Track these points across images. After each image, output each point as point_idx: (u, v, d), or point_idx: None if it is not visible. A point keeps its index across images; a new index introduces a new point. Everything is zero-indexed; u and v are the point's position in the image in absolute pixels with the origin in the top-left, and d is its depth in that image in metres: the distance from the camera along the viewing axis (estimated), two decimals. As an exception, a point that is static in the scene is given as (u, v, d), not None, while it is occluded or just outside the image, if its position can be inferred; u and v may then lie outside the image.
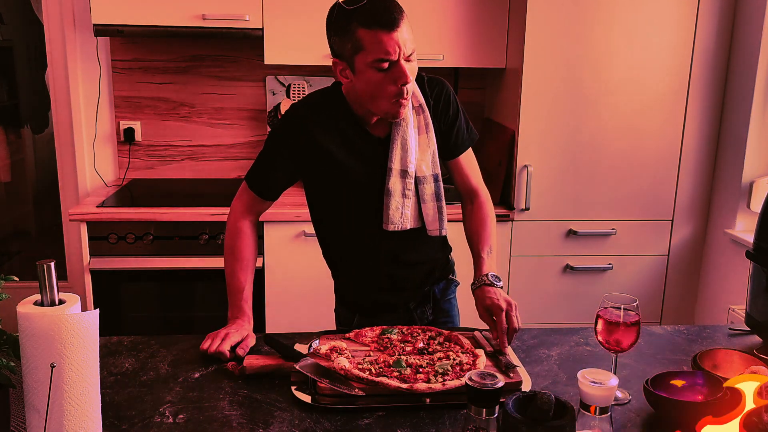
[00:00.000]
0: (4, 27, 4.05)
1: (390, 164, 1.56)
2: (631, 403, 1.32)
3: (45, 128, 4.19)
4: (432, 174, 1.61)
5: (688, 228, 2.88)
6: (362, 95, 1.50)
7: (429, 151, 1.60)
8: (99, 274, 2.67)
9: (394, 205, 1.58)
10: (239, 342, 1.49)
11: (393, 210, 1.58)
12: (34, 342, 1.00)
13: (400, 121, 1.55)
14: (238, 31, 2.76)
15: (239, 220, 1.64)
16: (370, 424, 1.23)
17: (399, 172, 1.57)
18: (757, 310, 1.57)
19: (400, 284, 1.71)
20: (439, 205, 1.64)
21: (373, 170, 1.59)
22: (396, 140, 1.56)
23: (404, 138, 1.56)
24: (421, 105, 1.59)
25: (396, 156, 1.56)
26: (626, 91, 2.72)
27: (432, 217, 1.64)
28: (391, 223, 1.59)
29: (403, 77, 1.43)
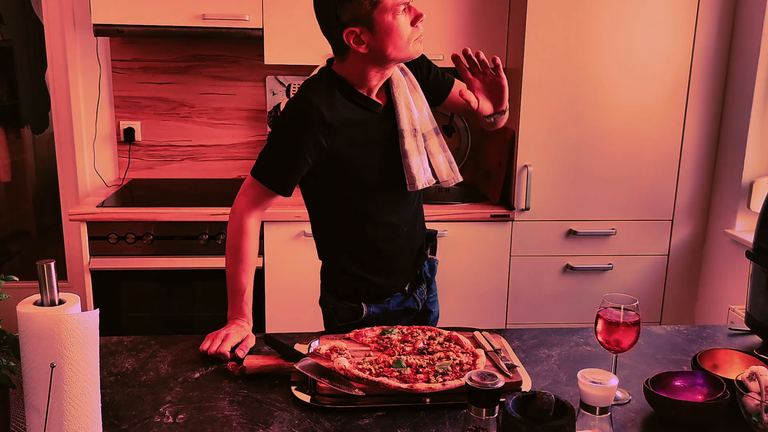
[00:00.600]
0: (4, 27, 4.05)
1: (401, 126, 1.59)
2: (631, 403, 1.32)
3: (45, 128, 4.19)
4: (433, 128, 1.67)
5: (688, 228, 2.88)
6: (384, 49, 1.49)
7: (425, 106, 1.66)
8: (99, 274, 2.67)
9: (415, 164, 1.60)
10: (239, 343, 1.49)
11: (415, 169, 1.60)
12: (34, 342, 1.00)
13: (397, 83, 1.61)
14: (238, 31, 2.76)
15: (244, 217, 1.59)
16: (370, 424, 1.23)
17: (411, 132, 1.60)
18: (757, 310, 1.57)
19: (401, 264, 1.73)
20: (447, 155, 1.69)
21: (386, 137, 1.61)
22: (399, 102, 1.60)
23: (406, 98, 1.61)
24: (402, 68, 1.65)
25: (404, 117, 1.60)
26: (626, 91, 2.72)
27: (445, 168, 1.69)
28: (417, 182, 1.61)
29: (419, 13, 1.51)
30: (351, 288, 1.71)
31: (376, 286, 1.70)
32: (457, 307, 2.84)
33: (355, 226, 1.66)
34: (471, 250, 2.80)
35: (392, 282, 1.72)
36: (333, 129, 1.53)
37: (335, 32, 1.51)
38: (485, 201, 2.92)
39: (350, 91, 1.57)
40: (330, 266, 1.75)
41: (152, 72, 3.13)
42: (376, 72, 1.55)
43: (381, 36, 1.48)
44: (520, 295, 2.86)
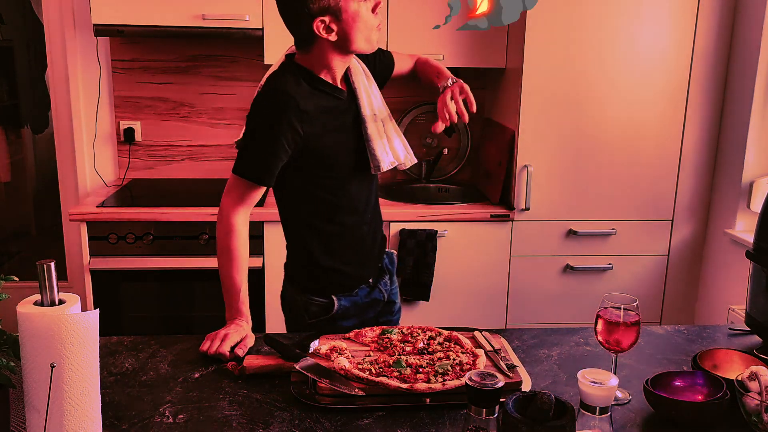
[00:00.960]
0: (5, 27, 4.05)
1: (363, 112, 1.67)
2: (631, 403, 1.32)
3: (45, 128, 4.19)
4: (388, 113, 1.75)
5: (688, 228, 2.88)
6: (351, 35, 1.57)
7: (378, 93, 1.75)
8: (99, 274, 2.67)
9: (379, 147, 1.67)
10: (238, 342, 1.49)
11: (380, 152, 1.67)
12: (34, 342, 1.00)
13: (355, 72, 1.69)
14: (238, 31, 2.76)
15: (231, 216, 1.60)
16: (370, 424, 1.23)
17: (372, 117, 1.68)
18: (757, 310, 1.57)
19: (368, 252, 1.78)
20: (402, 139, 1.76)
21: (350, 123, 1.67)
22: (360, 89, 1.68)
23: (365, 85, 1.70)
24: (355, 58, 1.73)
25: (365, 103, 1.68)
26: (626, 91, 2.72)
27: (402, 151, 1.74)
28: (382, 163, 1.67)
29: (378, 1, 1.60)
30: (323, 281, 1.73)
31: (347, 277, 1.74)
32: (457, 307, 2.84)
33: (327, 214, 1.69)
34: (471, 250, 2.80)
35: (361, 271, 1.77)
36: (308, 116, 1.58)
37: (304, 23, 1.57)
38: (485, 201, 2.92)
39: (316, 80, 1.62)
40: (301, 262, 1.75)
41: (152, 72, 3.13)
42: (339, 60, 1.62)
43: (348, 23, 1.56)
44: (520, 295, 2.86)
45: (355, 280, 1.75)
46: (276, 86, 1.60)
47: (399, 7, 2.80)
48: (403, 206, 2.83)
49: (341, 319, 1.72)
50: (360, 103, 1.67)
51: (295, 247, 1.75)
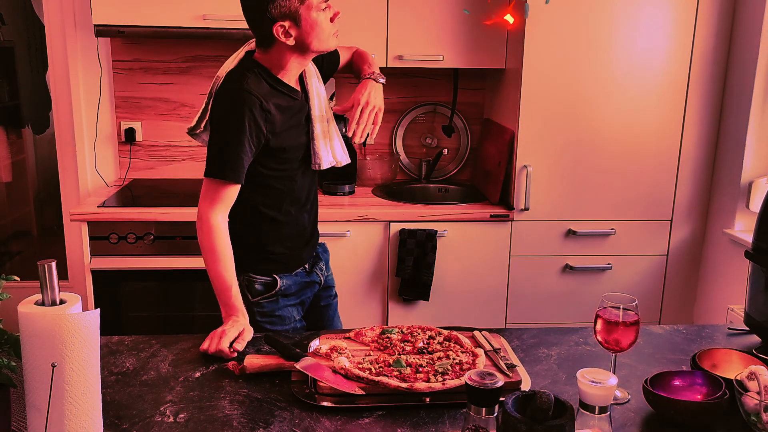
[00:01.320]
0: (6, 27, 4.05)
1: (314, 112, 1.77)
2: (630, 403, 1.32)
3: (46, 128, 4.19)
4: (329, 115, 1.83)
5: (687, 228, 2.88)
6: (308, 42, 1.65)
7: (325, 94, 1.84)
8: (100, 274, 2.68)
9: (323, 146, 1.79)
10: (236, 337, 1.50)
11: (323, 151, 1.79)
12: (35, 342, 1.01)
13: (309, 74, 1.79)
14: (238, 32, 2.76)
15: (211, 218, 1.64)
16: (370, 424, 1.23)
17: (320, 118, 1.79)
18: (756, 310, 1.57)
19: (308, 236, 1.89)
20: (340, 140, 1.86)
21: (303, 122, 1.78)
22: (312, 91, 1.79)
23: (316, 87, 1.80)
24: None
25: (315, 104, 1.78)
26: (625, 91, 2.72)
27: (339, 150, 1.84)
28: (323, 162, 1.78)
29: (337, 12, 1.69)
30: (269, 263, 1.81)
31: (290, 258, 1.84)
32: (457, 306, 2.84)
33: (276, 203, 1.79)
34: (471, 250, 2.80)
35: (301, 254, 1.87)
36: (270, 115, 1.66)
37: (264, 26, 1.64)
38: (485, 201, 2.92)
39: (275, 79, 1.70)
40: (248, 245, 1.80)
41: (153, 72, 3.14)
42: (296, 62, 1.70)
43: (306, 30, 1.63)
44: (519, 294, 2.86)
45: (296, 262, 1.85)
46: (240, 85, 1.64)
47: (399, 7, 2.80)
48: (403, 206, 2.83)
49: (283, 296, 1.82)
50: (311, 104, 1.78)
51: (243, 231, 1.79)
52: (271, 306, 1.81)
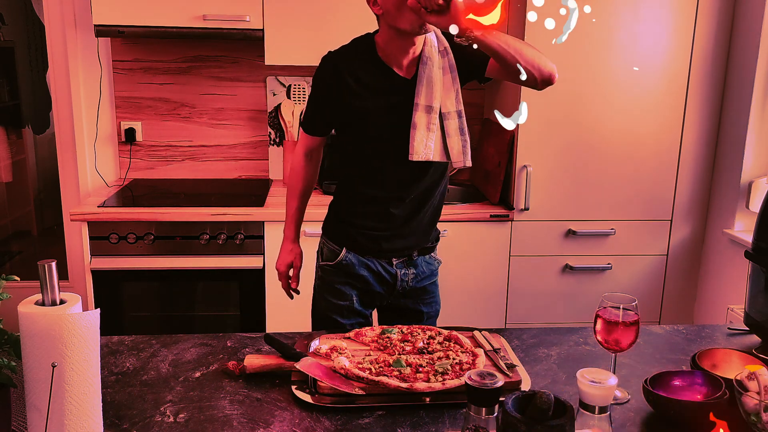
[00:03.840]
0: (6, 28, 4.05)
1: (416, 100, 1.69)
2: (630, 403, 1.32)
3: (46, 128, 4.20)
4: (456, 110, 1.74)
5: (687, 228, 2.88)
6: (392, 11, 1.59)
7: (453, 89, 1.73)
8: (100, 274, 2.68)
9: (419, 137, 1.69)
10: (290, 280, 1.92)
11: (418, 141, 1.69)
12: (35, 341, 1.01)
13: (426, 60, 1.69)
14: (238, 32, 2.76)
15: (294, 156, 1.91)
16: (370, 424, 1.23)
17: (424, 108, 1.69)
18: (755, 310, 1.57)
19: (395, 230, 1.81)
20: (464, 139, 1.75)
21: (401, 107, 1.70)
22: (422, 78, 1.69)
23: (430, 76, 1.69)
24: (446, 48, 1.73)
25: (422, 93, 1.69)
26: (625, 91, 2.72)
27: (457, 150, 1.74)
28: (415, 154, 1.69)
29: None
30: (339, 232, 1.86)
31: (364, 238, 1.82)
32: (457, 306, 2.84)
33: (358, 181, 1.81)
34: (471, 250, 2.80)
35: (380, 242, 1.81)
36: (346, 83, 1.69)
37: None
38: (485, 201, 2.92)
39: (372, 57, 1.70)
40: (331, 208, 1.91)
41: (153, 72, 3.14)
42: (397, 43, 1.66)
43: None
44: (519, 294, 2.87)
45: (370, 247, 1.82)
46: (336, 51, 1.74)
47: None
48: (404, 206, 2.83)
49: (345, 274, 1.84)
50: (416, 91, 1.69)
51: (334, 194, 1.91)
52: (331, 277, 1.87)
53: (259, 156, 3.25)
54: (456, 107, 1.73)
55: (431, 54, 1.70)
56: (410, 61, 1.71)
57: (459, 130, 1.73)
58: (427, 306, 1.92)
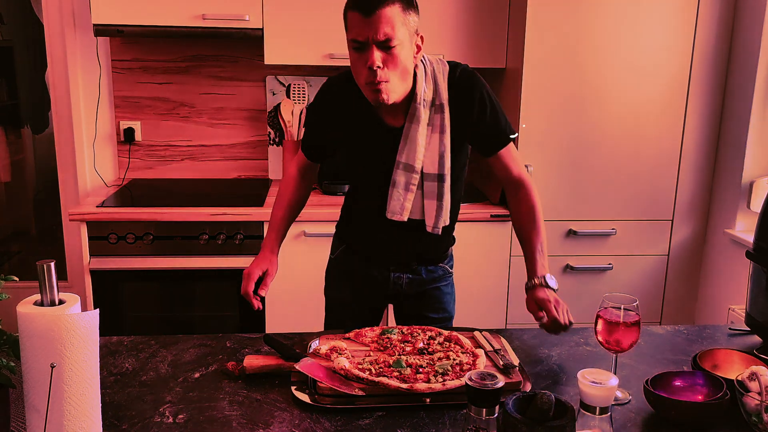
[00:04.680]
0: (5, 27, 4.05)
1: (398, 157, 1.63)
2: (631, 403, 1.32)
3: (45, 128, 4.19)
4: (437, 173, 1.64)
5: (688, 228, 2.88)
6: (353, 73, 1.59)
7: (438, 151, 1.63)
8: (99, 274, 2.67)
9: (396, 196, 1.65)
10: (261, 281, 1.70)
11: (395, 200, 1.65)
12: (34, 342, 1.00)
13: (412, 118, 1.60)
14: (238, 31, 2.76)
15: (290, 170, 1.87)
16: (370, 424, 1.23)
17: (404, 166, 1.63)
18: (757, 310, 1.57)
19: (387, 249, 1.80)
20: (439, 204, 1.66)
21: (382, 158, 1.66)
22: (406, 135, 1.62)
23: (414, 135, 1.61)
24: (442, 104, 1.62)
25: (404, 151, 1.63)
26: (626, 91, 2.72)
27: (430, 213, 1.67)
28: (390, 213, 1.67)
29: (369, 61, 1.48)
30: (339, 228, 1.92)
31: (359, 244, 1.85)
32: (458, 307, 2.83)
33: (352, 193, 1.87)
34: (471, 250, 2.80)
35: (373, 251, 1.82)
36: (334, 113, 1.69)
37: None
38: (485, 201, 2.92)
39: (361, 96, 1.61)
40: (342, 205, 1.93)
41: (152, 72, 3.13)
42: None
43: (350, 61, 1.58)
44: (520, 295, 2.83)
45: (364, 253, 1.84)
46: (337, 78, 1.71)
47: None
48: (403, 206, 2.82)
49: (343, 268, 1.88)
50: (399, 149, 1.62)
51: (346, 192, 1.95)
52: (332, 269, 1.92)
53: (258, 156, 3.25)
54: (437, 170, 1.63)
55: (420, 110, 1.60)
56: (400, 111, 1.62)
57: (436, 194, 1.65)
58: (433, 312, 1.87)
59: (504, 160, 1.70)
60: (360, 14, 1.47)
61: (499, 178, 1.74)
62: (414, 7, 1.55)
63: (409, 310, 1.88)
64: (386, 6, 1.46)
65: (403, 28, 1.49)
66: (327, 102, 1.71)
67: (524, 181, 1.71)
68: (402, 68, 1.52)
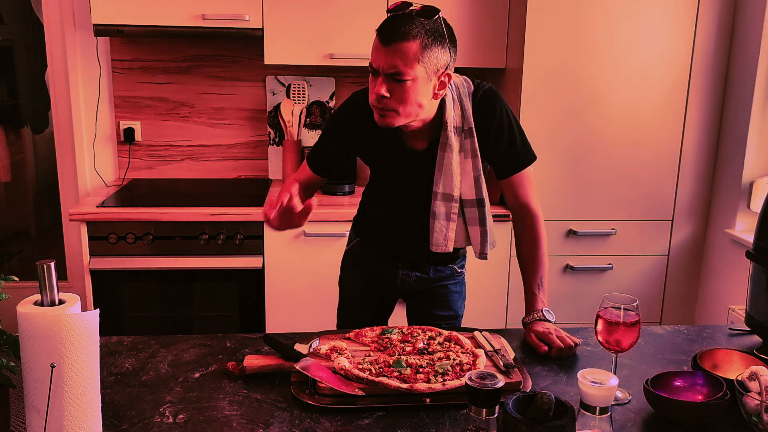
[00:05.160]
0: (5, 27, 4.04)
1: (435, 188, 1.63)
2: (631, 403, 1.32)
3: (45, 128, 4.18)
4: (475, 198, 1.65)
5: (688, 228, 2.88)
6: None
7: (473, 176, 1.64)
8: (99, 274, 2.67)
9: (438, 227, 1.65)
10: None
11: (437, 232, 1.66)
12: (34, 342, 1.00)
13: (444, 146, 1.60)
14: (238, 31, 2.76)
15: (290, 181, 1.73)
16: (370, 424, 1.23)
17: (443, 196, 1.64)
18: (757, 310, 1.57)
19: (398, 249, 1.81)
20: (483, 229, 1.68)
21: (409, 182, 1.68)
22: (440, 166, 1.62)
23: (449, 163, 1.61)
24: (471, 128, 1.61)
25: (440, 181, 1.63)
26: (626, 91, 2.72)
27: (476, 240, 1.70)
28: (435, 245, 1.67)
29: (376, 89, 1.49)
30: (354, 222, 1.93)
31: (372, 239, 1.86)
32: (457, 307, 2.83)
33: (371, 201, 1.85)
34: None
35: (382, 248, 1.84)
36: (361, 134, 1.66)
37: None
38: (485, 201, 2.91)
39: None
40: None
41: (152, 72, 3.13)
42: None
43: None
44: (520, 295, 2.83)
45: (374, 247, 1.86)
46: (355, 97, 1.69)
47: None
48: (403, 206, 2.82)
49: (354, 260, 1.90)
50: (435, 179, 1.63)
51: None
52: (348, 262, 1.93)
53: (258, 156, 3.25)
54: (476, 195, 1.64)
55: (451, 137, 1.60)
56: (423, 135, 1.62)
57: (479, 220, 1.66)
58: (440, 309, 1.88)
59: (514, 186, 1.69)
60: (380, 41, 1.48)
61: (507, 201, 1.74)
62: (441, 42, 1.50)
63: (416, 306, 1.91)
64: (405, 41, 1.45)
65: (419, 66, 1.47)
66: (350, 117, 1.68)
67: (532, 210, 1.70)
68: (412, 102, 1.50)
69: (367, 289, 1.89)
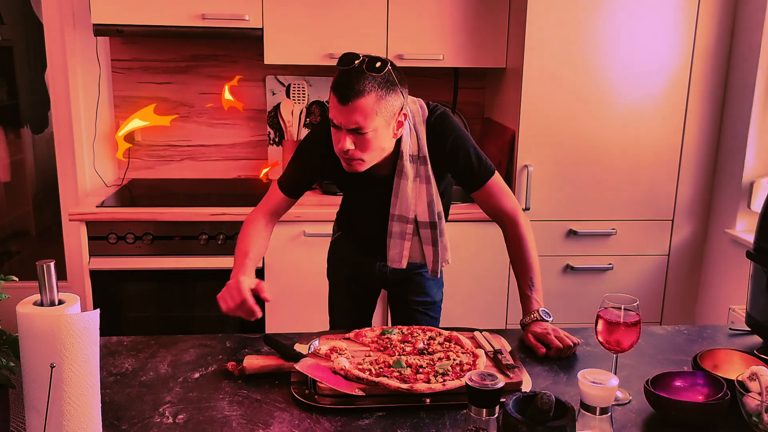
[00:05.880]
0: (4, 27, 4.04)
1: (392, 210, 1.74)
2: (631, 404, 1.32)
3: (45, 128, 4.18)
4: (428, 221, 1.75)
5: (688, 228, 2.88)
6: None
7: (426, 201, 1.73)
8: (99, 274, 2.67)
9: (393, 245, 1.76)
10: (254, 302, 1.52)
11: (393, 249, 1.77)
12: (34, 342, 1.00)
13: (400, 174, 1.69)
14: (237, 31, 2.76)
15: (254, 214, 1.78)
16: (370, 425, 1.22)
17: (398, 218, 1.74)
18: (757, 310, 1.57)
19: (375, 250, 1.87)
20: (435, 249, 1.77)
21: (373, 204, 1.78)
22: (396, 191, 1.72)
23: (404, 189, 1.71)
24: (425, 156, 1.70)
25: (396, 204, 1.73)
26: (627, 90, 2.72)
27: (429, 258, 1.79)
28: (390, 261, 1.79)
29: (341, 144, 1.56)
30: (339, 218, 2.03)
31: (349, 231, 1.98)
32: (458, 307, 2.83)
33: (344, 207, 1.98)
34: (471, 250, 2.80)
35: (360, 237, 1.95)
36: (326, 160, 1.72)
37: None
38: (485, 201, 2.91)
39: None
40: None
41: (152, 72, 3.13)
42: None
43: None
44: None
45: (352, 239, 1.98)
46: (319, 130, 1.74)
47: (399, 6, 2.80)
48: (403, 206, 2.82)
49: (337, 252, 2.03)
50: (392, 202, 1.73)
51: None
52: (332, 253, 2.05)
53: (258, 155, 3.25)
54: (429, 218, 1.74)
55: (406, 166, 1.69)
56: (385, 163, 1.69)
57: (431, 240, 1.75)
58: (416, 295, 1.98)
59: (484, 199, 1.75)
60: (337, 99, 1.52)
61: (485, 212, 1.79)
62: (393, 89, 1.55)
63: (395, 294, 2.03)
64: (360, 98, 1.50)
65: (378, 117, 1.53)
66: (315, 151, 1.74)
67: (509, 215, 1.73)
68: (376, 149, 1.59)
69: (350, 280, 2.01)
